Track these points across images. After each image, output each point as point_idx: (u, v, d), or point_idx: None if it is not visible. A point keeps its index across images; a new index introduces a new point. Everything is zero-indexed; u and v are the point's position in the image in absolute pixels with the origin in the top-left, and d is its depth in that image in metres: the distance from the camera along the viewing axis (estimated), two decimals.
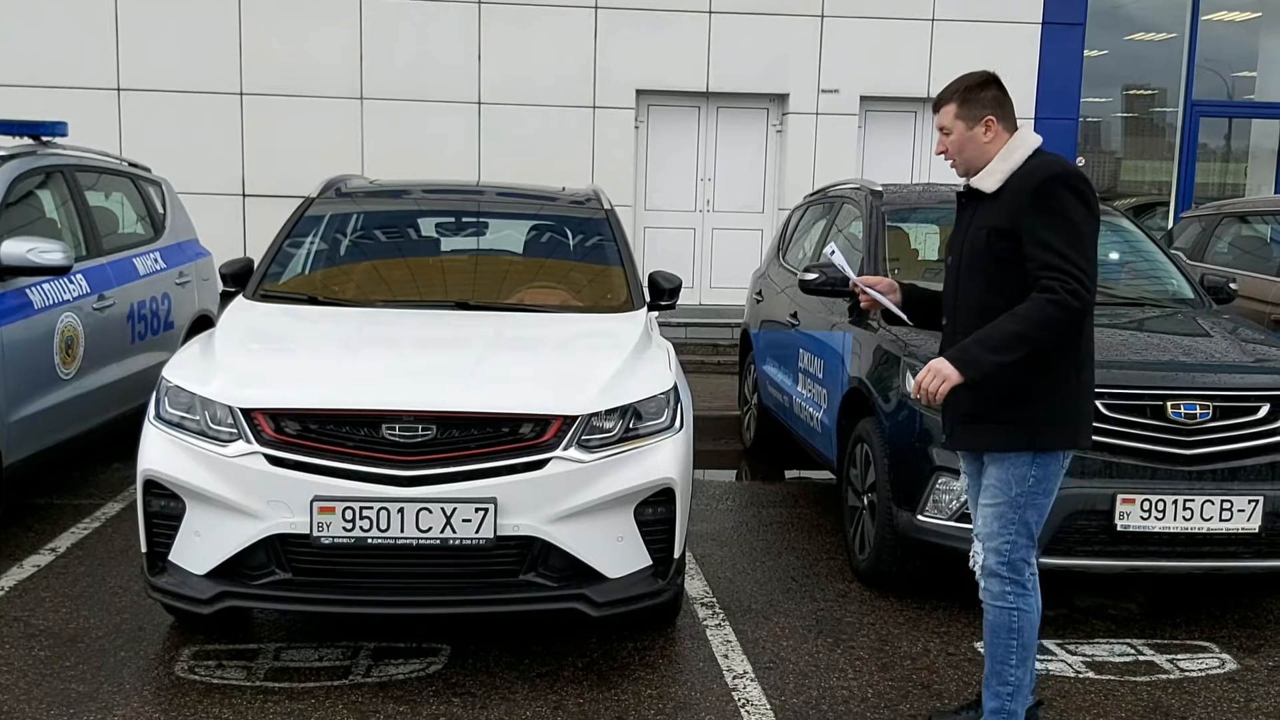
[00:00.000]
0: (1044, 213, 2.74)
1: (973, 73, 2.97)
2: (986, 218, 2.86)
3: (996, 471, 2.88)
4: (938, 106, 2.99)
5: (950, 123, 2.95)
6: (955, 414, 2.94)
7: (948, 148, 2.98)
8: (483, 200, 5.20)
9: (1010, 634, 2.92)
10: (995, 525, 2.89)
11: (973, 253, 2.88)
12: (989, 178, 2.88)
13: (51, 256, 4.56)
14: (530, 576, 3.30)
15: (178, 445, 3.35)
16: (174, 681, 3.38)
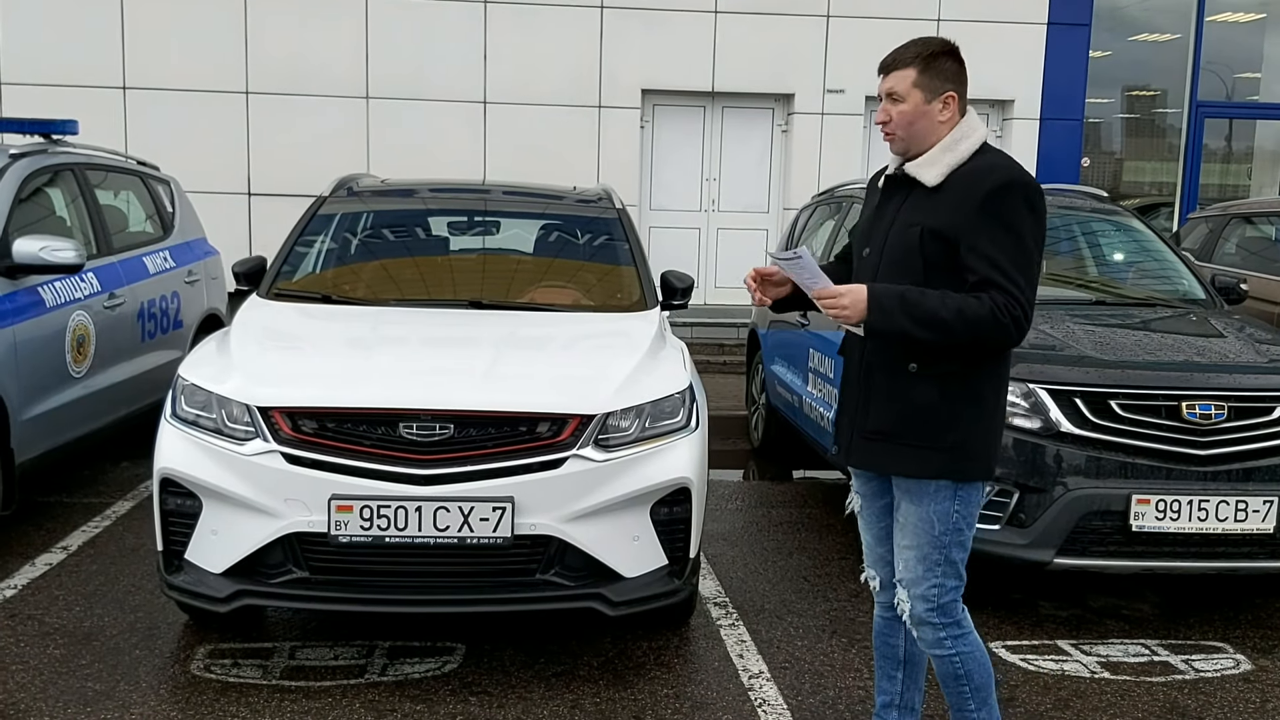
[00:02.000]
0: (992, 225, 2.41)
1: (933, 38, 2.56)
2: (921, 214, 2.50)
3: (914, 509, 2.55)
4: (890, 68, 2.52)
5: (907, 90, 2.51)
6: (857, 427, 2.61)
7: (893, 118, 2.52)
8: (496, 199, 5.20)
9: (959, 681, 2.63)
10: (920, 570, 2.56)
11: (900, 250, 2.52)
12: (930, 168, 2.51)
13: (64, 255, 4.56)
14: (547, 575, 3.30)
15: (194, 444, 3.35)
16: (190, 680, 3.38)
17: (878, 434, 2.57)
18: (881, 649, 2.87)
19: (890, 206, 2.60)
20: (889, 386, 2.54)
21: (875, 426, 2.57)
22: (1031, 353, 4.04)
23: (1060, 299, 4.95)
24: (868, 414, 2.58)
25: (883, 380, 2.55)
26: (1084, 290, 5.14)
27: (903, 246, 2.52)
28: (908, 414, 2.52)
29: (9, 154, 4.93)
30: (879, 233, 2.60)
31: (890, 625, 2.82)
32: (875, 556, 2.79)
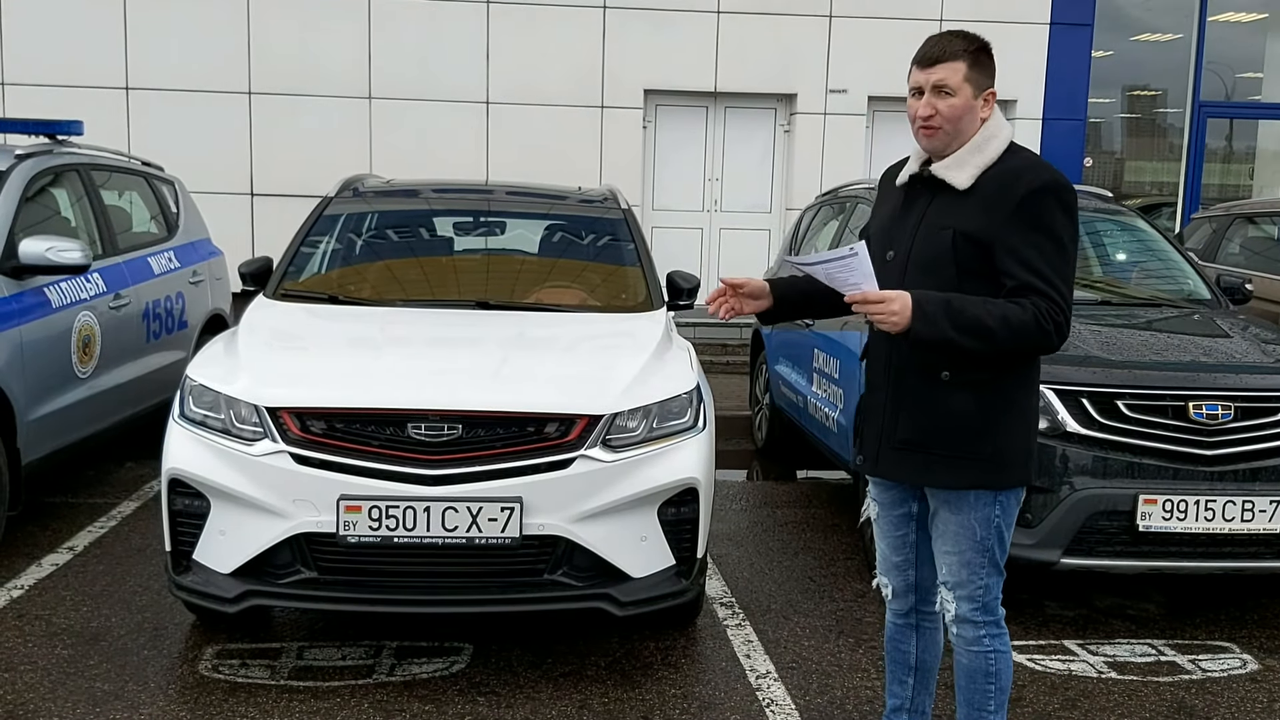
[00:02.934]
0: (1031, 228, 2.36)
1: (970, 33, 2.46)
2: (953, 217, 2.42)
3: (954, 518, 2.51)
4: (938, 60, 2.41)
5: (958, 83, 2.40)
6: (885, 437, 2.53)
7: (940, 112, 2.41)
8: (502, 200, 5.20)
9: (988, 679, 2.60)
10: (964, 573, 2.54)
11: (930, 253, 2.44)
12: (959, 170, 2.43)
13: (70, 255, 4.57)
14: (556, 576, 3.31)
15: (202, 444, 3.35)
16: (198, 680, 3.38)
17: (909, 444, 2.50)
18: (893, 654, 2.84)
19: (915, 208, 2.51)
20: (921, 395, 2.46)
21: (906, 436, 2.49)
22: None
23: None
24: (897, 423, 2.50)
25: (914, 388, 2.47)
26: (1090, 290, 5.14)
27: (933, 250, 2.44)
28: (941, 424, 2.45)
29: (15, 154, 4.94)
30: (903, 235, 2.50)
31: (902, 631, 2.79)
32: (890, 565, 2.73)
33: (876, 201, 2.71)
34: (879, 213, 2.65)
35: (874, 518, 2.74)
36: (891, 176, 2.64)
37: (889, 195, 2.61)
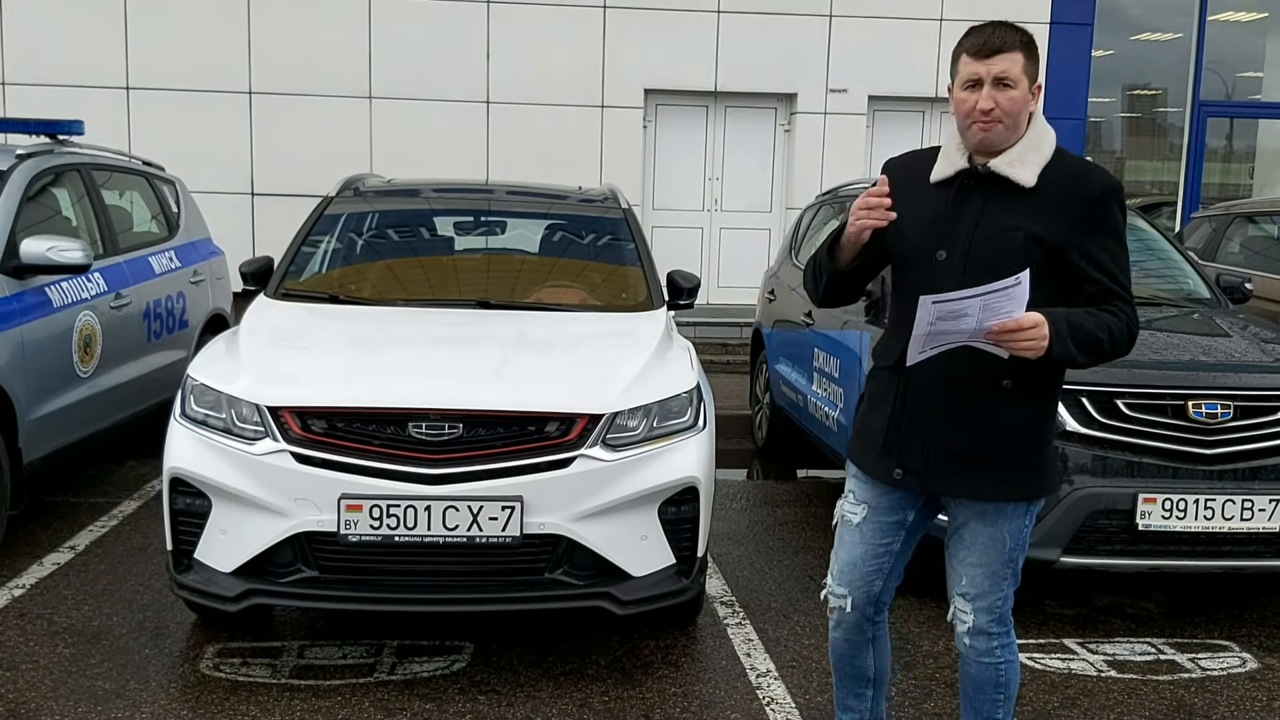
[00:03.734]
0: (1104, 233, 2.32)
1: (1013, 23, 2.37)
2: (1019, 218, 2.32)
3: (986, 529, 2.43)
4: (998, 50, 2.29)
5: (1018, 75, 2.30)
6: (938, 450, 2.39)
7: (1001, 105, 2.30)
8: (502, 199, 5.21)
9: (998, 689, 2.55)
10: (987, 584, 2.47)
11: (994, 255, 2.31)
12: (1024, 167, 2.33)
13: (71, 255, 4.57)
14: (556, 575, 3.32)
15: (204, 443, 3.36)
16: (199, 679, 3.39)
17: (967, 456, 2.37)
18: (848, 670, 2.69)
19: (968, 205, 2.37)
20: (982, 406, 2.35)
21: (965, 449, 2.37)
22: None
23: None
24: (954, 435, 2.37)
25: (977, 400, 2.34)
26: None
27: (998, 251, 2.31)
28: (1003, 435, 2.37)
29: (15, 154, 4.95)
30: (957, 234, 2.35)
31: (857, 647, 2.65)
32: (857, 574, 2.56)
33: (902, 197, 2.42)
34: (914, 209, 2.39)
35: (855, 523, 2.55)
36: (909, 170, 2.47)
37: (918, 190, 2.42)
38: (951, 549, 2.52)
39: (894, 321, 2.49)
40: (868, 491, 2.55)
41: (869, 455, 2.50)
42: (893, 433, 2.43)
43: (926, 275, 2.35)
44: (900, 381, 2.42)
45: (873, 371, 2.56)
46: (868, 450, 2.50)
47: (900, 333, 2.38)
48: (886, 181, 2.33)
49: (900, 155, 2.58)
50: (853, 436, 2.61)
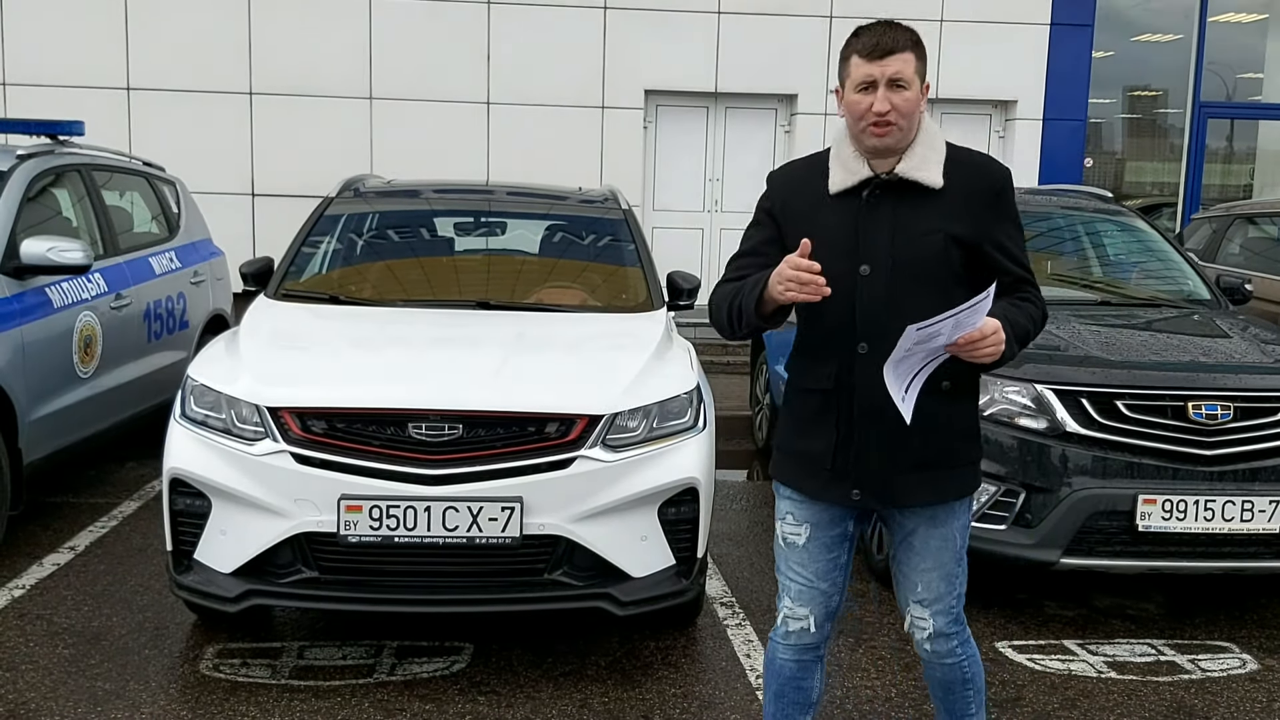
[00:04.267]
0: (1008, 220, 2.34)
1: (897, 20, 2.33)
2: (934, 220, 2.29)
3: (937, 531, 2.41)
4: (890, 51, 2.24)
5: (911, 76, 2.25)
6: (897, 463, 2.33)
7: (897, 107, 2.24)
8: (502, 200, 5.21)
9: (965, 685, 2.54)
10: (943, 587, 2.45)
11: (921, 262, 2.28)
12: (928, 168, 2.29)
13: (71, 255, 4.57)
14: (556, 575, 3.32)
15: (204, 444, 3.36)
16: (199, 679, 3.39)
17: (925, 464, 2.35)
18: (792, 695, 2.58)
19: (879, 214, 2.30)
20: (928, 411, 2.28)
21: (920, 456, 2.34)
22: (1037, 353, 4.05)
23: (1065, 299, 4.96)
24: (908, 445, 2.32)
25: (922, 406, 2.25)
26: (1089, 291, 5.15)
27: (920, 258, 2.28)
28: (950, 436, 2.37)
29: (16, 155, 4.95)
30: (877, 246, 2.29)
31: (806, 668, 2.56)
32: (815, 593, 2.48)
33: (783, 212, 2.40)
34: (816, 223, 2.31)
35: (801, 544, 2.46)
36: (802, 183, 2.40)
37: (818, 204, 2.34)
38: (902, 558, 2.49)
39: (814, 343, 2.38)
40: (807, 511, 2.46)
41: (814, 481, 2.41)
42: (841, 456, 2.35)
43: (849, 292, 2.29)
44: (841, 404, 2.35)
45: (797, 394, 2.44)
46: (811, 476, 2.41)
47: (826, 354, 2.35)
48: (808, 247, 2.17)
49: (783, 167, 2.52)
50: (780, 460, 2.49)
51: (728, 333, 2.43)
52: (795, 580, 2.49)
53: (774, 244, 2.39)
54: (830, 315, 2.30)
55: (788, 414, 2.49)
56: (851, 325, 2.31)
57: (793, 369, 2.46)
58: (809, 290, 2.15)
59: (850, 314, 2.30)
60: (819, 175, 2.38)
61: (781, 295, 2.19)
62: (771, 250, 2.37)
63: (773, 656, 2.58)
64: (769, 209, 2.44)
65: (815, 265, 2.15)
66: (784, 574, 2.52)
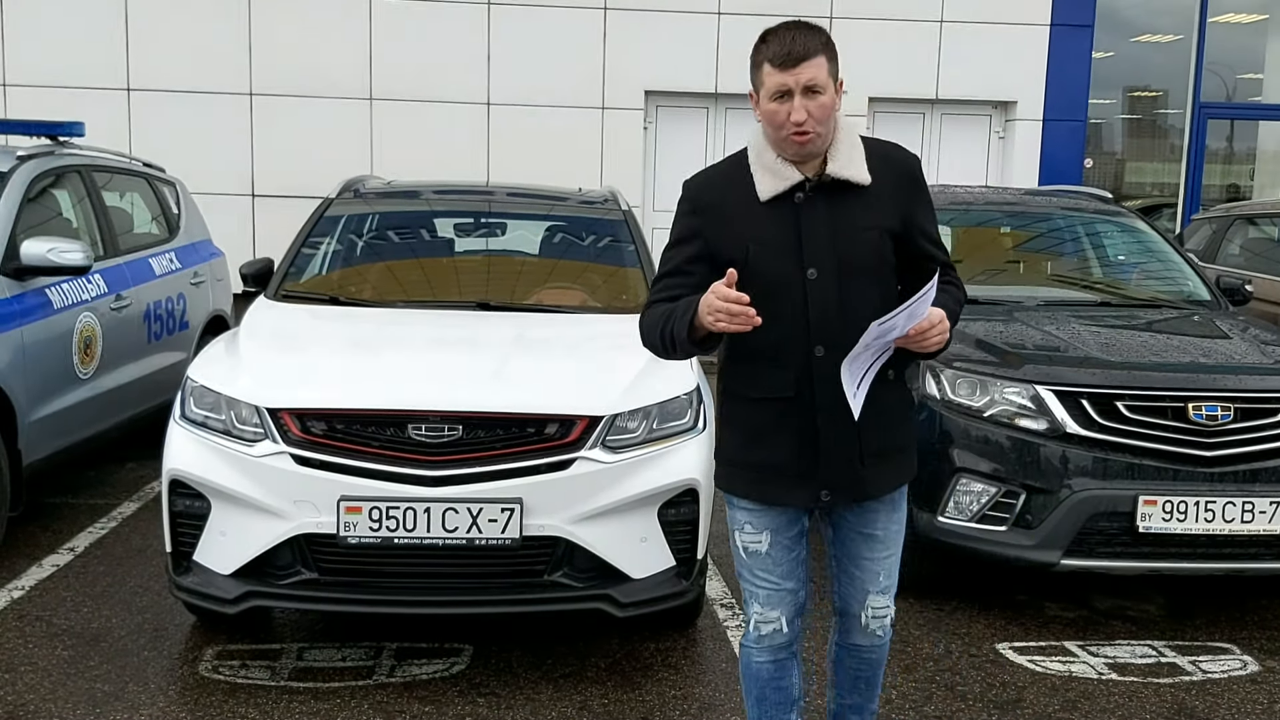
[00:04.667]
0: (925, 204, 2.38)
1: (806, 20, 2.31)
2: (867, 216, 2.31)
3: (894, 516, 2.46)
4: (801, 58, 2.21)
5: (825, 80, 2.22)
6: (856, 458, 2.35)
7: (813, 115, 2.22)
8: (502, 201, 5.21)
9: (883, 665, 2.67)
10: (894, 572, 2.51)
11: (863, 258, 2.30)
12: (855, 166, 2.30)
13: (71, 256, 4.57)
14: (556, 577, 3.32)
15: (203, 445, 3.36)
16: (198, 681, 3.39)
17: (883, 453, 2.38)
18: (773, 697, 2.56)
19: (816, 216, 2.30)
20: (880, 401, 2.33)
21: (879, 447, 2.37)
22: (1037, 354, 4.05)
23: (1065, 300, 4.96)
24: (869, 438, 2.34)
25: (874, 397, 2.30)
26: (1089, 291, 5.15)
27: (862, 255, 2.31)
28: (899, 422, 2.43)
29: (16, 156, 4.95)
30: (820, 248, 2.29)
31: (784, 666, 2.55)
32: (783, 593, 2.48)
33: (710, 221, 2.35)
34: (751, 229, 2.30)
35: (763, 551, 2.44)
36: (726, 190, 2.36)
37: (748, 211, 2.31)
38: (861, 551, 2.50)
39: (765, 351, 2.32)
40: (764, 518, 2.44)
41: (775, 488, 2.39)
42: (807, 458, 2.35)
43: (800, 299, 2.29)
44: (803, 409, 2.33)
45: (746, 404, 2.40)
46: (772, 483, 2.39)
47: (781, 362, 2.32)
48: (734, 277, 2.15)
49: (700, 175, 2.45)
50: (732, 474, 2.45)
51: (663, 355, 2.39)
52: (763, 586, 2.48)
53: (700, 261, 2.36)
54: (782, 322, 2.28)
55: (734, 426, 2.44)
56: (805, 330, 2.30)
57: (736, 378, 2.40)
58: (739, 322, 2.14)
59: (804, 318, 2.30)
60: (742, 181, 2.34)
61: (712, 326, 2.18)
62: (698, 268, 2.35)
63: (748, 662, 2.58)
64: (693, 222, 2.37)
65: (744, 297, 2.13)
66: (749, 581, 2.51)
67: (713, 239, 2.34)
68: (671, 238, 2.43)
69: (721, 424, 2.50)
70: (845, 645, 2.63)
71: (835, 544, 2.55)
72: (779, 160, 2.31)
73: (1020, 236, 5.57)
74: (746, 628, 2.55)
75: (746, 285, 2.19)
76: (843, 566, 2.54)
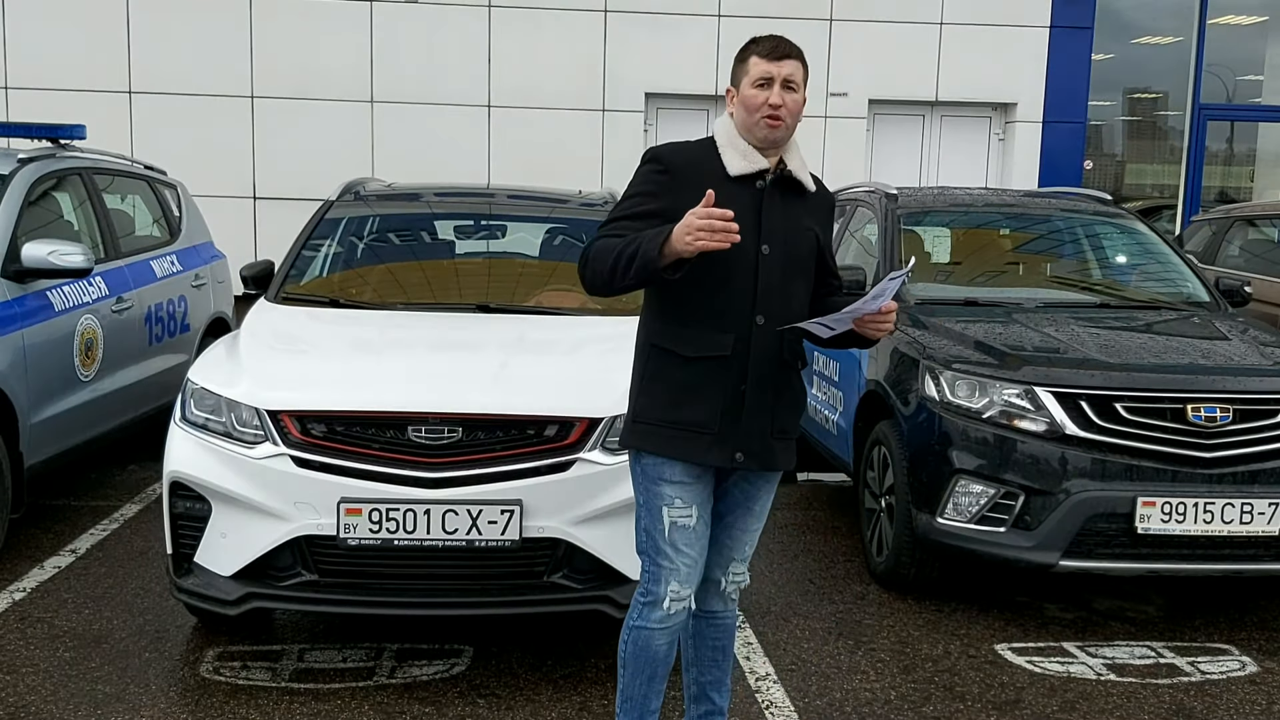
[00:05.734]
0: (832, 229, 2.75)
1: None
2: (807, 218, 2.59)
3: (766, 495, 2.67)
4: (787, 55, 2.51)
5: (800, 81, 2.53)
6: (763, 430, 2.54)
7: (788, 105, 2.48)
8: (503, 203, 5.22)
9: (734, 638, 2.84)
10: (755, 546, 2.74)
11: (799, 253, 2.57)
12: (805, 172, 2.59)
13: (72, 259, 4.58)
14: (555, 578, 3.32)
15: (204, 447, 3.36)
16: (199, 682, 3.39)
17: (784, 431, 2.61)
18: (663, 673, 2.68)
19: (774, 204, 2.54)
20: (792, 384, 2.62)
21: (784, 424, 2.61)
22: (1036, 355, 4.06)
23: (1064, 302, 4.97)
24: (780, 413, 2.58)
25: (789, 378, 2.60)
26: (1088, 293, 5.16)
27: (802, 249, 2.57)
28: (799, 407, 2.66)
29: (17, 158, 4.96)
30: (775, 230, 2.52)
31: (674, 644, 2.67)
32: (697, 569, 2.60)
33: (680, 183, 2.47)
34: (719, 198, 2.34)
35: (692, 525, 2.56)
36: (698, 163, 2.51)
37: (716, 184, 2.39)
38: (737, 521, 2.67)
39: (710, 312, 2.48)
40: (692, 492, 2.56)
41: (696, 445, 2.50)
42: (728, 420, 2.50)
43: (751, 269, 2.50)
44: (732, 370, 2.50)
45: (678, 362, 2.50)
46: (693, 440, 2.50)
47: (724, 324, 2.48)
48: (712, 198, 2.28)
49: (669, 145, 2.64)
50: (651, 432, 2.52)
51: (604, 283, 2.45)
52: (685, 562, 2.57)
53: (659, 217, 2.44)
54: (733, 286, 2.49)
55: (661, 383, 2.54)
56: (752, 298, 2.50)
57: (670, 338, 2.52)
58: (718, 238, 2.26)
59: (752, 288, 2.50)
60: (710, 157, 2.55)
61: (690, 245, 2.27)
62: (654, 221, 2.44)
63: (646, 644, 2.62)
64: (664, 179, 2.51)
65: (728, 213, 2.26)
66: (671, 558, 2.57)
67: (676, 201, 2.42)
68: (632, 189, 2.55)
69: (645, 383, 2.57)
70: (703, 613, 2.76)
71: (712, 516, 2.67)
72: (749, 147, 2.54)
73: (1020, 238, 5.58)
74: (648, 610, 2.60)
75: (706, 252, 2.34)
76: (714, 535, 2.67)
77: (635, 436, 2.57)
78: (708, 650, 2.79)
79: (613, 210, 2.59)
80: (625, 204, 2.55)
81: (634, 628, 2.63)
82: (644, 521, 2.60)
